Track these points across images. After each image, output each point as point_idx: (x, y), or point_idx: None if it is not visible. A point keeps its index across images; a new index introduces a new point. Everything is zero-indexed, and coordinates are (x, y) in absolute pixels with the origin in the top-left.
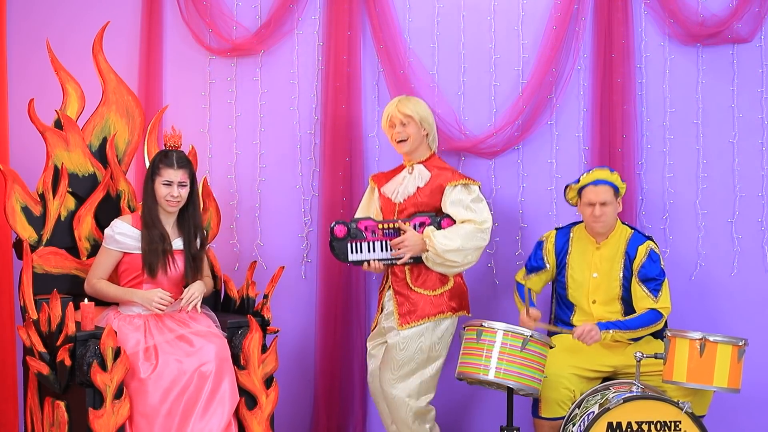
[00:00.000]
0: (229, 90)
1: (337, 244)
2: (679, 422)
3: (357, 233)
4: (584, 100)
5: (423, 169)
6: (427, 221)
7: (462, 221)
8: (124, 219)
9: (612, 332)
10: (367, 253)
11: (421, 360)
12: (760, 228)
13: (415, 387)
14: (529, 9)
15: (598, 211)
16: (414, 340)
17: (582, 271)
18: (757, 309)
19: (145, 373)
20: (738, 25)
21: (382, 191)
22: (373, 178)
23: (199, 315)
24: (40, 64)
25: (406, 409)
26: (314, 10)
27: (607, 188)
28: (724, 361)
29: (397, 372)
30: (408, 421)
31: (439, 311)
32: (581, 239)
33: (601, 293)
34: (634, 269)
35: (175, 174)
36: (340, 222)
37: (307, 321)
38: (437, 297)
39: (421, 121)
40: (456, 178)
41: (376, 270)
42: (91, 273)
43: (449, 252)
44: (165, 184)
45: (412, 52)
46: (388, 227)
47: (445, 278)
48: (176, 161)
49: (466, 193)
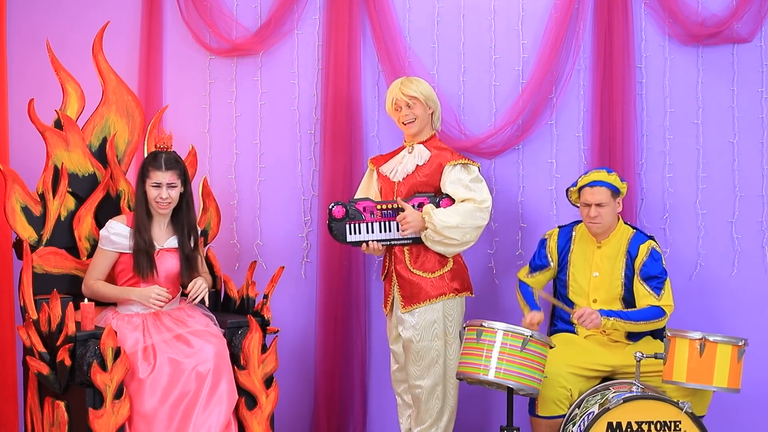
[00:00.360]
0: (229, 90)
1: (336, 225)
2: (679, 422)
3: (355, 214)
4: (584, 100)
5: (423, 149)
6: (426, 201)
7: (462, 200)
8: (119, 219)
9: (613, 320)
10: (366, 234)
11: (440, 347)
12: (760, 228)
13: (441, 374)
14: (529, 9)
15: (594, 212)
16: (428, 329)
17: (583, 270)
18: (757, 309)
19: (143, 374)
20: (738, 25)
21: (381, 170)
22: (371, 160)
23: (197, 314)
24: (40, 64)
25: (433, 397)
26: (314, 10)
27: (603, 189)
28: (724, 361)
29: (420, 362)
30: (434, 409)
31: (441, 293)
32: (583, 238)
33: (602, 292)
34: (636, 268)
35: (163, 176)
36: (338, 203)
37: (307, 321)
38: (438, 279)
39: (426, 100)
40: (455, 157)
41: (375, 251)
42: (88, 275)
43: (448, 228)
44: (154, 186)
45: (412, 52)
46: (386, 208)
47: (445, 260)
48: (164, 163)
49: (466, 172)
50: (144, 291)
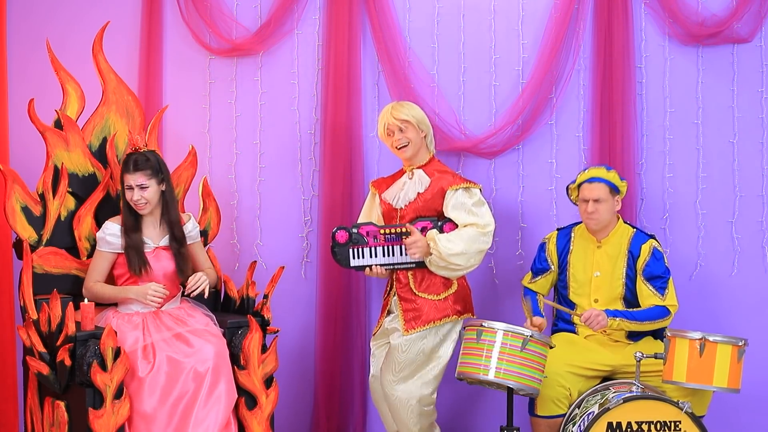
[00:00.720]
0: (229, 90)
1: (339, 250)
2: (679, 422)
3: (359, 238)
4: (584, 100)
5: (423, 174)
6: (429, 226)
7: (464, 225)
8: (115, 220)
9: (618, 320)
10: (369, 258)
11: (421, 361)
12: (760, 228)
13: (416, 388)
14: (529, 9)
15: (591, 208)
16: (416, 342)
17: (584, 270)
18: (757, 309)
19: (143, 372)
20: (738, 25)
21: (383, 197)
22: (373, 183)
23: (197, 313)
24: (40, 64)
25: (408, 410)
26: (314, 10)
27: (601, 185)
28: (724, 361)
29: (398, 374)
30: (409, 422)
31: (444, 315)
32: (582, 238)
33: (603, 292)
34: (639, 268)
35: (132, 177)
36: (341, 227)
37: (307, 321)
38: (441, 301)
39: (418, 123)
40: (457, 181)
41: (379, 275)
42: (87, 277)
43: (453, 256)
44: (127, 188)
45: (412, 52)
46: (390, 232)
47: (449, 282)
48: (132, 165)
49: (468, 196)
50: (141, 288)
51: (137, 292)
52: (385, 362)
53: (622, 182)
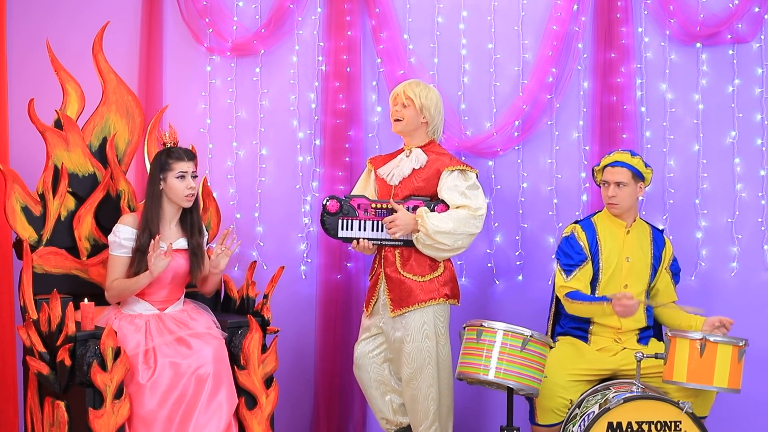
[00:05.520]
0: (229, 90)
1: (328, 219)
2: (680, 422)
3: (349, 210)
4: (584, 100)
5: (421, 153)
6: (421, 205)
7: (456, 207)
8: (126, 222)
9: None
10: (358, 231)
11: (431, 347)
12: (760, 228)
13: (434, 376)
14: (529, 9)
15: (612, 191)
16: (418, 330)
17: (617, 254)
18: (757, 309)
19: (143, 378)
20: (738, 25)
21: (378, 173)
22: (370, 160)
23: (199, 314)
24: (40, 64)
25: (428, 400)
26: (314, 10)
27: (623, 170)
28: (725, 362)
29: (413, 365)
30: (429, 412)
31: (431, 297)
32: (607, 225)
33: (633, 278)
34: (666, 259)
35: (187, 165)
36: (333, 197)
37: (307, 321)
38: (428, 283)
39: (420, 107)
40: (453, 163)
41: (365, 249)
42: (107, 279)
43: (440, 233)
44: (179, 177)
45: (412, 52)
46: (380, 207)
47: (435, 264)
48: (185, 154)
49: (463, 179)
50: (150, 267)
51: (150, 271)
52: (396, 358)
53: (647, 169)
